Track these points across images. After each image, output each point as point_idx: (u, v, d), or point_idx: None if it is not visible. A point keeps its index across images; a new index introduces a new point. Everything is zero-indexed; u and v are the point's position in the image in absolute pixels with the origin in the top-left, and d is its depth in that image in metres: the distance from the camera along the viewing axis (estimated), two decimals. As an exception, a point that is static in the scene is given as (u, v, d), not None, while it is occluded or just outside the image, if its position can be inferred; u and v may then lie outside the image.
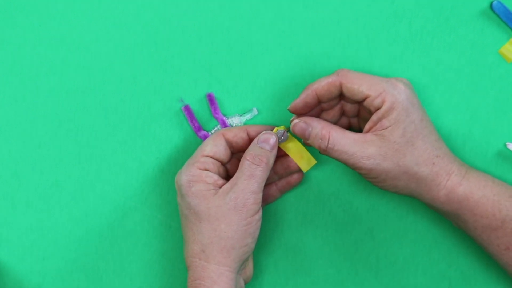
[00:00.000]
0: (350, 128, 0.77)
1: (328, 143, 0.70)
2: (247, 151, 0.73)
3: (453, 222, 0.73)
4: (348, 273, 0.79)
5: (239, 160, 0.76)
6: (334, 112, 0.75)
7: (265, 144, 0.73)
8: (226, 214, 0.70)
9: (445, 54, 0.78)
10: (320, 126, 0.71)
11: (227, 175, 0.76)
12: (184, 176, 0.72)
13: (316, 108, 0.75)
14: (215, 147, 0.73)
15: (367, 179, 0.71)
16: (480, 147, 0.77)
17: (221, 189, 0.71)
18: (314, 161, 0.75)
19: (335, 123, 0.75)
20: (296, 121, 0.72)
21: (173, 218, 0.79)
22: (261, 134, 0.73)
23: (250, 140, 0.74)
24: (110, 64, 0.79)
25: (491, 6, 0.77)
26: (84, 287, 0.79)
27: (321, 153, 0.71)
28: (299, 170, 0.76)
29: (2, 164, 0.79)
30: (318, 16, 0.78)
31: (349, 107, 0.75)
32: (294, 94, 0.77)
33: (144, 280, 0.79)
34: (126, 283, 0.79)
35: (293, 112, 0.74)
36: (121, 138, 0.79)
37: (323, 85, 0.72)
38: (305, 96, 0.72)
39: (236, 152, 0.76)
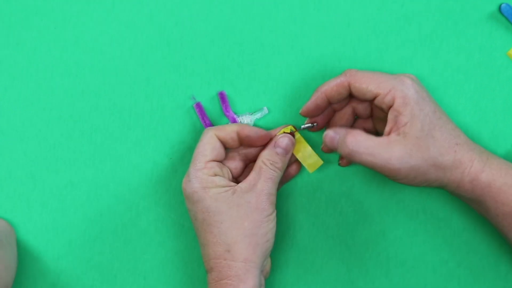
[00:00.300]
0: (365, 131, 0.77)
1: (353, 148, 0.70)
2: (264, 153, 0.74)
3: (476, 209, 0.74)
4: (359, 272, 0.79)
5: (243, 161, 0.77)
6: (347, 114, 0.76)
7: (281, 150, 0.74)
8: (248, 212, 0.71)
9: (454, 56, 0.78)
10: (344, 132, 0.71)
11: (233, 178, 0.76)
12: (196, 183, 0.72)
13: (327, 110, 0.75)
14: (214, 150, 0.73)
15: (398, 180, 0.71)
16: (488, 148, 0.77)
17: (239, 189, 0.72)
18: (321, 162, 0.76)
19: (350, 125, 0.76)
20: (325, 133, 0.72)
21: (186, 217, 0.79)
22: (278, 137, 0.75)
23: (240, 140, 0.74)
24: (124, 66, 0.79)
25: (499, 8, 0.77)
26: (98, 286, 0.79)
27: (348, 159, 0.72)
28: (296, 161, 0.77)
29: (18, 164, 0.79)
30: (329, 19, 0.79)
31: (361, 108, 0.75)
32: (305, 95, 0.78)
33: (158, 279, 0.79)
34: (140, 282, 0.79)
35: (305, 116, 0.75)
36: (135, 138, 0.79)
37: (331, 86, 0.72)
38: (316, 99, 0.73)
39: (226, 149, 0.76)
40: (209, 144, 0.73)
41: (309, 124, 0.76)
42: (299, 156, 0.76)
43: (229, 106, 0.79)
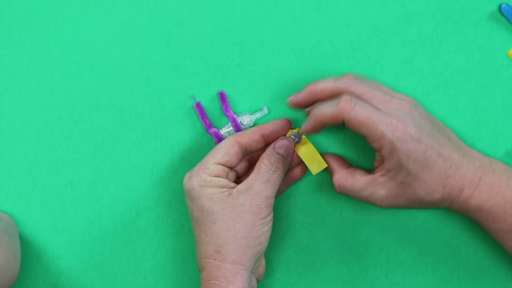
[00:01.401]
0: None
1: (340, 191, 0.73)
2: (264, 155, 0.74)
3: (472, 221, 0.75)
4: (359, 272, 0.79)
5: (248, 161, 0.77)
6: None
7: (282, 150, 0.74)
8: (241, 215, 0.71)
9: (454, 56, 0.78)
10: (332, 171, 0.74)
11: (236, 177, 0.77)
12: (195, 181, 0.72)
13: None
14: (227, 155, 0.73)
15: None
16: (488, 149, 0.77)
17: (235, 190, 0.72)
18: (325, 165, 0.76)
19: None
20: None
21: (186, 217, 0.79)
22: (278, 139, 0.75)
23: (265, 139, 0.75)
24: (124, 66, 0.79)
25: (499, 8, 0.77)
26: (98, 286, 0.79)
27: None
28: (301, 162, 0.77)
29: (18, 164, 0.79)
30: (329, 19, 0.79)
31: None
32: (305, 96, 0.78)
33: (158, 279, 0.79)
34: (140, 281, 0.80)
35: (292, 106, 0.75)
36: (135, 138, 0.79)
37: (327, 116, 0.71)
38: (314, 124, 0.73)
39: (249, 154, 0.76)
40: (224, 149, 0.73)
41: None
42: (303, 157, 0.76)
43: (229, 106, 0.79)
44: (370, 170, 0.75)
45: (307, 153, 0.76)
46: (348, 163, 0.76)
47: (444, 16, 0.78)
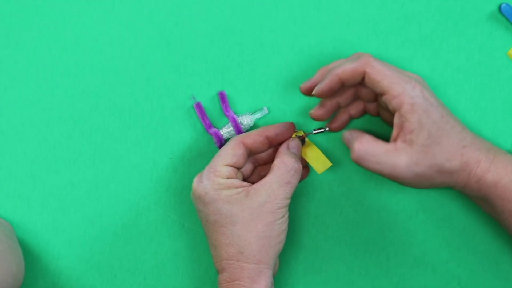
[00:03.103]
0: (365, 113, 0.77)
1: (359, 155, 0.70)
2: (281, 155, 0.73)
3: (481, 206, 0.74)
4: (359, 272, 0.79)
5: (253, 163, 0.77)
6: (347, 96, 0.75)
7: (295, 151, 0.74)
8: (261, 215, 0.71)
9: (454, 56, 0.78)
10: (355, 137, 0.71)
11: (243, 178, 0.77)
12: (209, 185, 0.72)
13: (333, 107, 0.75)
14: (235, 157, 0.73)
15: (404, 184, 0.71)
16: (488, 148, 0.78)
17: (252, 190, 0.72)
18: (329, 164, 0.76)
19: (348, 105, 0.76)
20: (344, 133, 0.73)
21: (186, 217, 0.79)
22: (290, 140, 0.75)
23: (269, 142, 0.75)
24: (124, 66, 0.79)
25: (499, 8, 0.78)
26: (98, 286, 0.80)
27: (356, 163, 0.71)
28: (305, 166, 0.77)
29: (18, 164, 0.80)
30: (329, 19, 0.79)
31: (365, 92, 0.75)
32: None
33: (158, 279, 0.80)
34: (140, 281, 0.80)
35: (318, 96, 0.73)
36: (135, 138, 0.79)
37: (347, 71, 0.71)
38: (330, 82, 0.72)
39: (253, 155, 0.76)
40: (232, 150, 0.73)
41: (321, 130, 0.77)
42: (308, 158, 0.76)
43: (229, 106, 0.79)
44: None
45: (312, 154, 0.76)
46: (367, 133, 0.74)
47: (444, 16, 0.78)
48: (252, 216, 0.71)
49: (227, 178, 0.72)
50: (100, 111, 0.79)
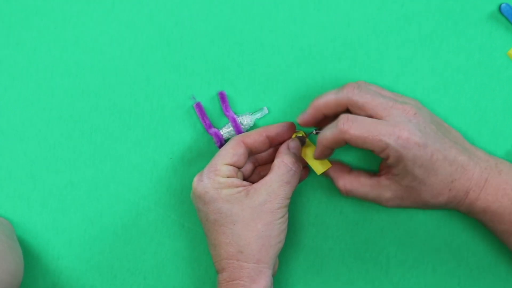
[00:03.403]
0: None
1: (346, 193, 0.74)
2: (281, 155, 0.73)
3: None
4: (359, 272, 0.79)
5: (253, 163, 0.77)
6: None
7: (295, 151, 0.74)
8: (261, 215, 0.71)
9: (454, 56, 0.78)
10: (337, 177, 0.74)
11: (243, 178, 0.76)
12: (209, 184, 0.72)
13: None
14: (235, 156, 0.73)
15: None
16: (488, 149, 0.77)
17: (252, 189, 0.72)
18: (329, 165, 0.75)
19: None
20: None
21: (186, 217, 0.79)
22: (290, 141, 0.75)
23: (270, 141, 0.75)
24: (124, 66, 0.79)
25: (499, 8, 0.77)
26: (98, 286, 0.80)
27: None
28: (304, 166, 0.77)
29: (18, 164, 0.80)
30: (329, 19, 0.79)
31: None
32: (304, 94, 0.78)
33: (158, 279, 0.79)
34: (140, 281, 0.80)
35: (303, 125, 0.74)
36: (135, 138, 0.79)
37: (328, 138, 0.71)
38: (313, 112, 0.73)
39: (253, 155, 0.76)
40: (232, 149, 0.73)
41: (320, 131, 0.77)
42: (308, 158, 0.76)
43: (229, 106, 0.79)
44: (373, 171, 0.75)
45: (311, 154, 0.76)
46: (349, 167, 0.76)
47: (444, 16, 0.78)
48: (253, 216, 0.71)
49: (228, 177, 0.72)
50: (100, 111, 0.79)
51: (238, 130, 0.78)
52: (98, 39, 0.79)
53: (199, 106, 0.79)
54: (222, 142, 0.78)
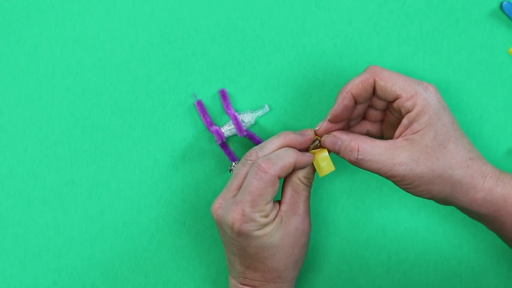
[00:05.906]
0: (369, 135, 0.75)
1: (358, 155, 0.69)
2: (300, 172, 0.72)
3: (488, 225, 0.72)
4: (360, 270, 0.79)
5: None
6: (356, 114, 0.73)
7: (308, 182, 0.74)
8: (297, 239, 0.72)
9: (455, 54, 0.78)
10: (349, 139, 0.70)
11: None
12: (253, 226, 0.69)
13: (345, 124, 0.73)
14: (275, 193, 0.70)
15: (401, 186, 0.70)
16: (489, 146, 0.78)
17: (283, 214, 0.71)
18: (333, 168, 0.73)
19: (354, 126, 0.75)
20: (326, 136, 0.72)
21: (187, 215, 0.79)
22: (301, 154, 0.72)
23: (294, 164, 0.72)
24: (125, 63, 0.79)
25: (501, 6, 0.78)
26: (99, 284, 0.80)
27: (353, 165, 0.70)
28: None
29: (19, 162, 0.80)
30: (330, 16, 0.79)
31: (374, 113, 0.74)
32: (305, 92, 0.78)
33: (159, 277, 0.80)
34: (141, 279, 0.80)
35: (334, 122, 0.72)
36: (136, 136, 0.79)
37: (357, 84, 0.69)
38: (342, 100, 0.70)
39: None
40: (272, 188, 0.69)
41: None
42: (314, 160, 0.75)
43: (230, 103, 0.79)
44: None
45: (318, 154, 0.74)
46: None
47: (445, 14, 0.78)
48: (290, 242, 0.72)
49: (267, 216, 0.70)
50: (101, 108, 0.79)
51: (239, 128, 0.78)
52: (99, 37, 0.79)
53: (200, 103, 0.79)
54: (223, 140, 0.78)
